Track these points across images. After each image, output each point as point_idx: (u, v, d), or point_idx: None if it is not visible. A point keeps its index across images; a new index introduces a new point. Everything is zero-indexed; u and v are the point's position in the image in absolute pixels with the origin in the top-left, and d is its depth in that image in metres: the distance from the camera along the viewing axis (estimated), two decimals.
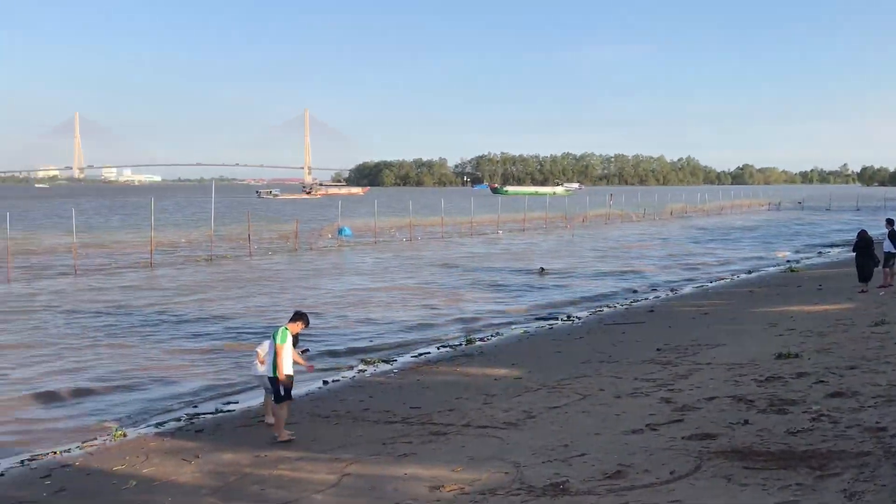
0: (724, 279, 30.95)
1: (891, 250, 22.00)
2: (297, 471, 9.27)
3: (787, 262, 36.23)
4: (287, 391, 10.60)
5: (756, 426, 9.42)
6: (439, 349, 17.87)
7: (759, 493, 7.20)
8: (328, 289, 28.21)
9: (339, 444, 10.32)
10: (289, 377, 10.58)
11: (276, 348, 10.50)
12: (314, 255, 41.73)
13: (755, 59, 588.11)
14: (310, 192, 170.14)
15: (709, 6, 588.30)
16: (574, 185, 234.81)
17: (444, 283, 29.71)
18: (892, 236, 21.93)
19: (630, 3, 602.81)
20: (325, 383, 14.57)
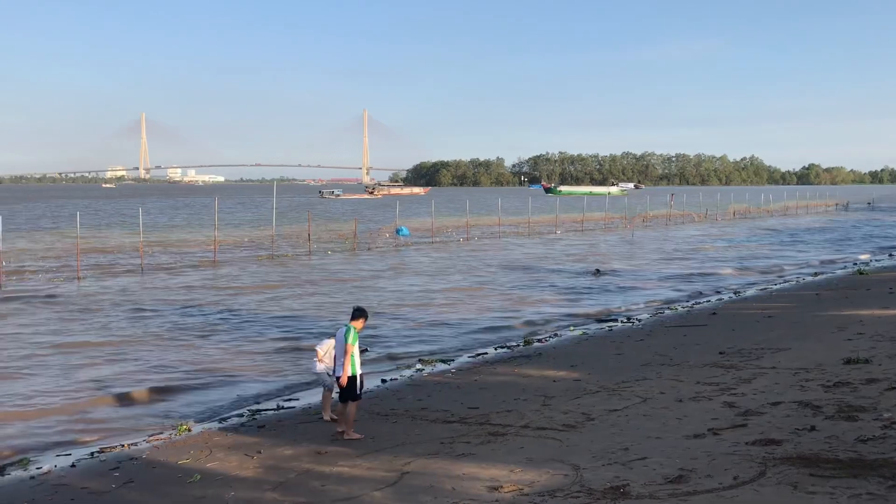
0: (789, 281, 30.20)
1: None
2: (357, 468, 9.36)
3: (856, 265, 35.16)
4: (358, 390, 10.71)
5: (824, 433, 9.18)
6: (497, 350, 17.84)
7: (828, 502, 7.01)
8: (386, 288, 28.41)
9: (397, 442, 10.38)
10: (359, 376, 10.70)
11: (347, 348, 10.60)
12: (372, 254, 42.08)
13: (823, 54, 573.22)
14: (372, 192, 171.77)
15: None
16: (629, 185, 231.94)
17: (501, 284, 29.64)
18: None
19: None
20: (383, 381, 14.68)
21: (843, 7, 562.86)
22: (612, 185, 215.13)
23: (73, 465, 10.45)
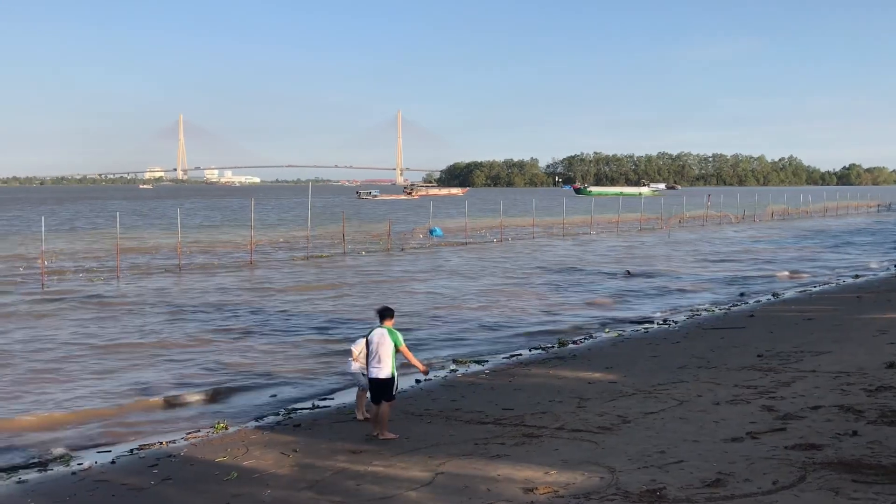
0: (829, 283, 29.68)
1: None
2: (392, 468, 9.39)
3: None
4: (393, 390, 10.83)
5: (866, 438, 9.01)
6: (531, 351, 17.77)
7: None
8: (420, 290, 28.46)
9: (432, 442, 10.39)
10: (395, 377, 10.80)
11: (401, 350, 10.72)
12: (406, 255, 42.20)
13: (864, 52, 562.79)
14: (410, 193, 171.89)
15: None
16: (660, 186, 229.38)
17: (535, 284, 29.54)
18: None
19: None
20: (417, 382, 14.70)
21: (886, 2, 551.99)
22: (644, 185, 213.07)
23: (112, 462, 10.62)
